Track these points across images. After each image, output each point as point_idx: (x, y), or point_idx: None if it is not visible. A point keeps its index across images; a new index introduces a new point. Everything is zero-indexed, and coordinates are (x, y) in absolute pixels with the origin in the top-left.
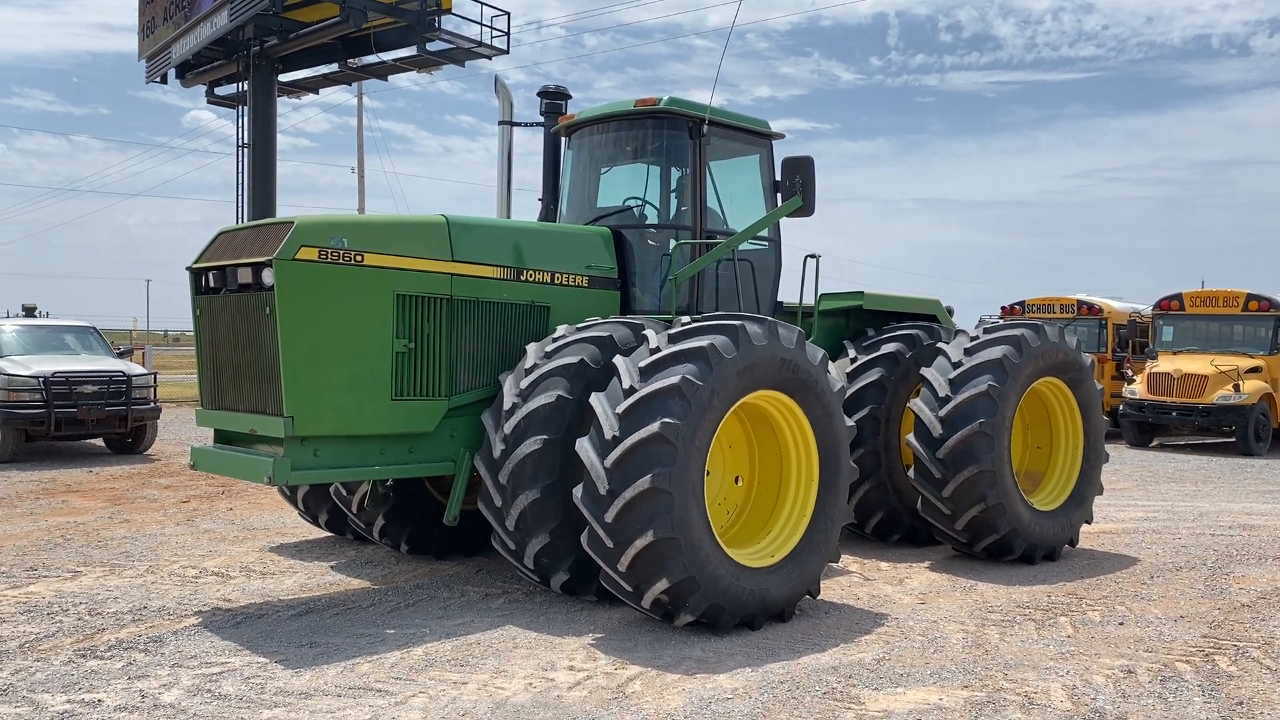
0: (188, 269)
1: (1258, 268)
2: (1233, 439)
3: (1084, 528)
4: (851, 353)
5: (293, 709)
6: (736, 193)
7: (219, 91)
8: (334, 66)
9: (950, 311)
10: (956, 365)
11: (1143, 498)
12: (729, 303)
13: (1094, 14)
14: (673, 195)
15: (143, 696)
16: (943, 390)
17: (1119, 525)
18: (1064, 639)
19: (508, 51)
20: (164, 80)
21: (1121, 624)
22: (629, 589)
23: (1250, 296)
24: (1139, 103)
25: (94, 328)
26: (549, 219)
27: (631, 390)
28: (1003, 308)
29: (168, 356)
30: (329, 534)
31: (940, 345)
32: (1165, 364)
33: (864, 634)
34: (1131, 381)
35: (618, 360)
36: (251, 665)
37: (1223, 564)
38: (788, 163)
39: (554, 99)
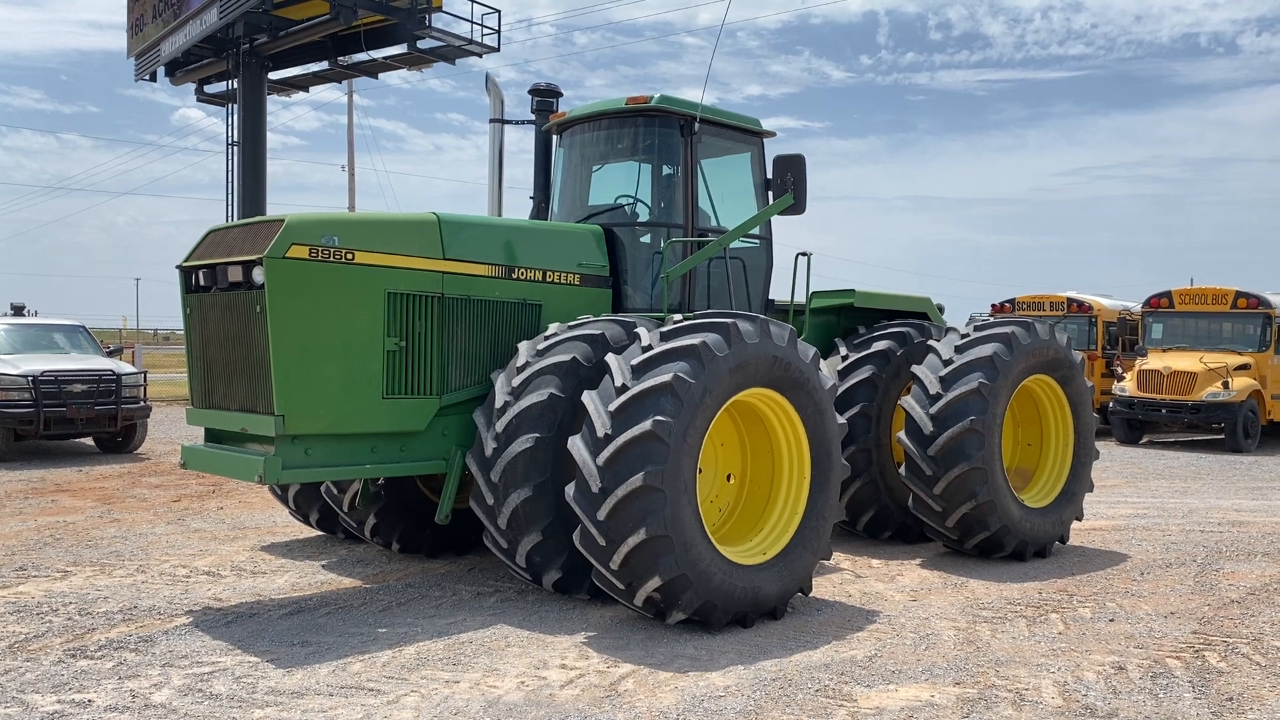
0: (178, 267)
1: (1247, 265)
2: (1222, 436)
3: (1074, 525)
4: (843, 350)
5: (284, 708)
6: (728, 191)
7: (208, 89)
8: (324, 64)
9: (941, 309)
10: (947, 363)
11: (1133, 495)
12: (720, 301)
13: (1083, 12)
14: (664, 193)
15: (133, 696)
16: (933, 388)
17: (1109, 522)
18: (1055, 635)
19: (498, 49)
20: (153, 78)
21: (1112, 620)
22: (621, 587)
23: (1239, 294)
24: (1128, 101)
25: (83, 326)
26: (540, 217)
27: (624, 388)
28: (993, 305)
29: (158, 355)
30: (320, 533)
31: (931, 343)
32: (1155, 361)
33: (856, 631)
34: (1121, 379)
35: (610, 358)
36: (243, 664)
37: (1212, 560)
38: (779, 161)
39: (545, 97)
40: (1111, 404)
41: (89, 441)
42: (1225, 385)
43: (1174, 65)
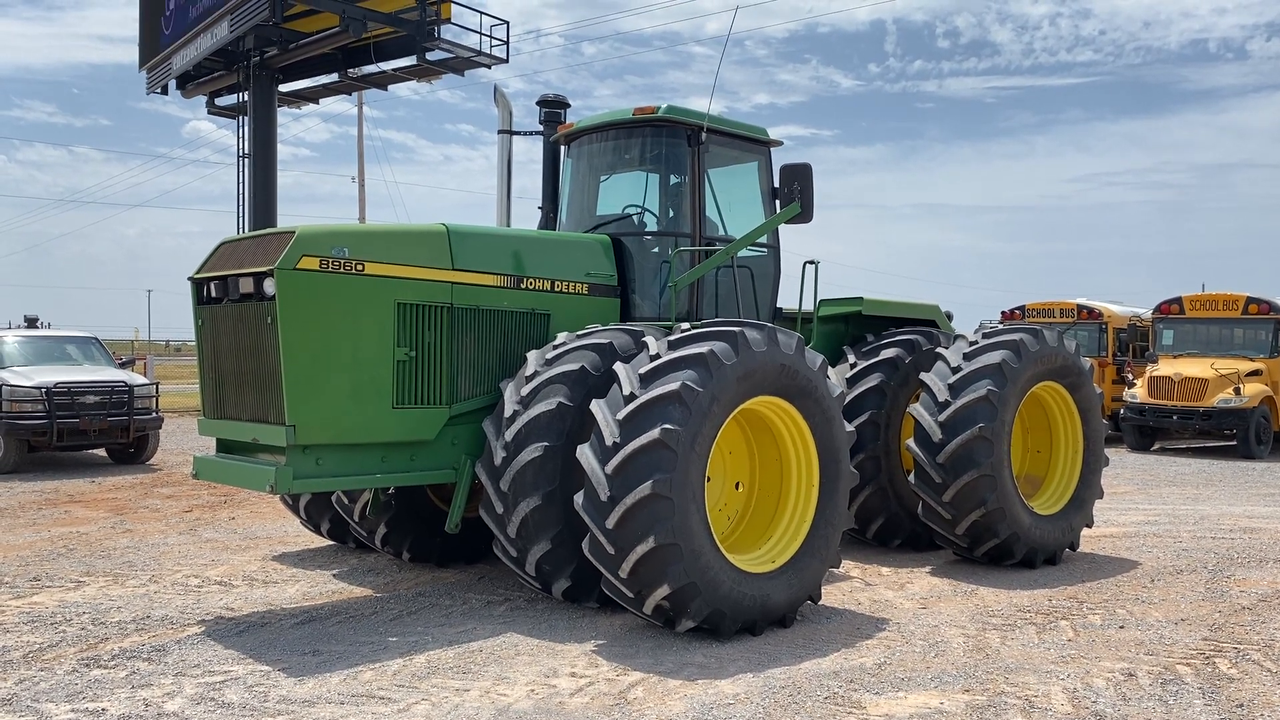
0: (189, 279)
1: (1258, 271)
2: (1233, 442)
3: (1084, 531)
4: (851, 358)
5: (296, 717)
6: (735, 200)
7: (219, 102)
8: (334, 76)
9: (949, 316)
10: (956, 370)
11: (1143, 501)
12: (728, 309)
13: (1091, 19)
14: (671, 203)
15: (146, 705)
16: (942, 395)
17: (1120, 529)
18: (1064, 642)
19: (507, 60)
20: (164, 91)
21: (1122, 627)
22: (630, 595)
23: (1250, 300)
24: (1137, 107)
25: (95, 338)
26: (549, 227)
27: (632, 397)
28: (1003, 312)
29: (169, 366)
30: (331, 542)
31: (939, 350)
32: (1166, 368)
33: (865, 639)
34: (1132, 385)
35: (618, 367)
36: (255, 673)
37: (1223, 567)
38: (785, 170)
39: (553, 108)
40: (1122, 411)
41: (101, 452)
42: (1237, 391)
43: (1183, 71)
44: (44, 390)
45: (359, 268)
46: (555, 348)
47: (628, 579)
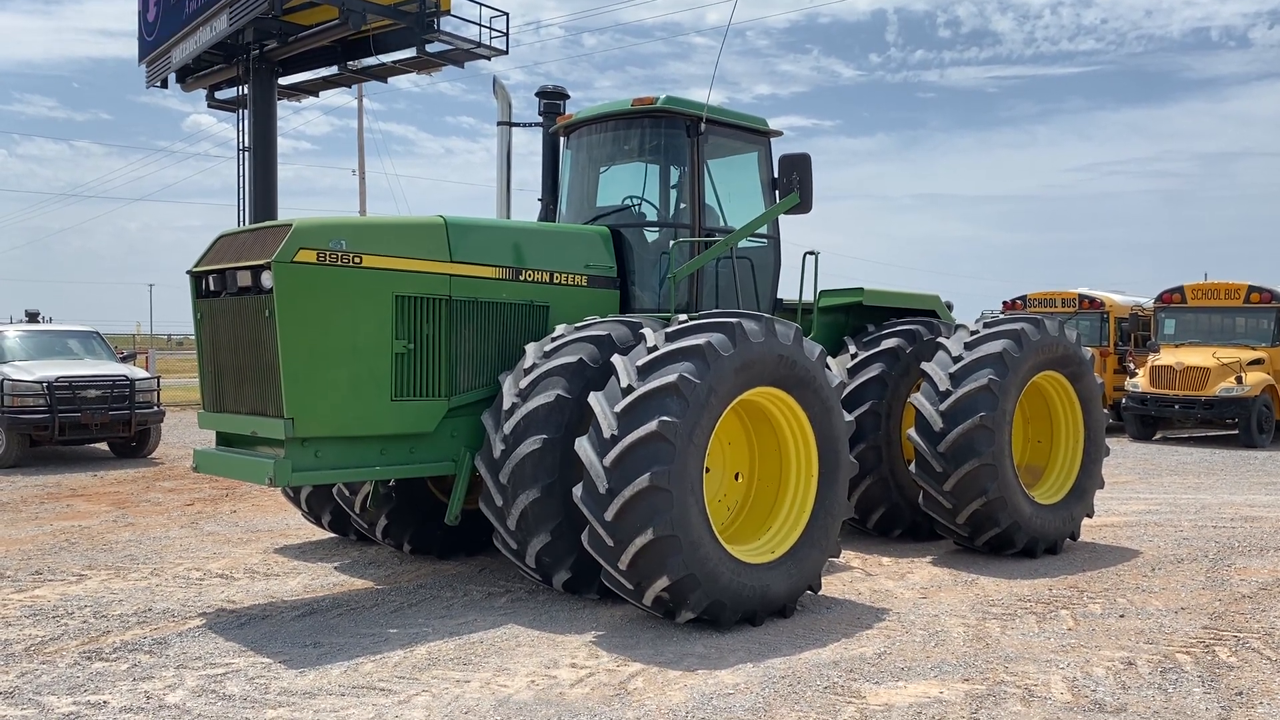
0: (188, 273)
1: (1260, 260)
2: (1235, 431)
3: (1085, 521)
4: (852, 349)
5: (297, 709)
6: (735, 191)
7: (219, 95)
8: (334, 69)
9: (950, 307)
10: (957, 360)
11: (1145, 490)
12: (728, 300)
13: (1093, 8)
14: (671, 194)
15: (148, 698)
16: (943, 385)
17: (1121, 518)
18: (1065, 631)
19: (507, 52)
20: (164, 85)
21: (1122, 616)
22: (630, 587)
23: (1252, 288)
24: (1138, 96)
25: (97, 332)
26: (548, 219)
27: (630, 389)
28: (1004, 302)
29: (171, 360)
30: (332, 535)
31: (940, 340)
32: (1167, 357)
33: (865, 629)
34: (1134, 375)
35: (616, 359)
36: (256, 666)
37: (1224, 556)
38: (785, 160)
39: (552, 99)
40: (1124, 400)
41: (103, 446)
42: (1239, 380)
43: (1185, 59)
44: (45, 385)
45: (357, 260)
46: (553, 340)
47: (627, 571)
